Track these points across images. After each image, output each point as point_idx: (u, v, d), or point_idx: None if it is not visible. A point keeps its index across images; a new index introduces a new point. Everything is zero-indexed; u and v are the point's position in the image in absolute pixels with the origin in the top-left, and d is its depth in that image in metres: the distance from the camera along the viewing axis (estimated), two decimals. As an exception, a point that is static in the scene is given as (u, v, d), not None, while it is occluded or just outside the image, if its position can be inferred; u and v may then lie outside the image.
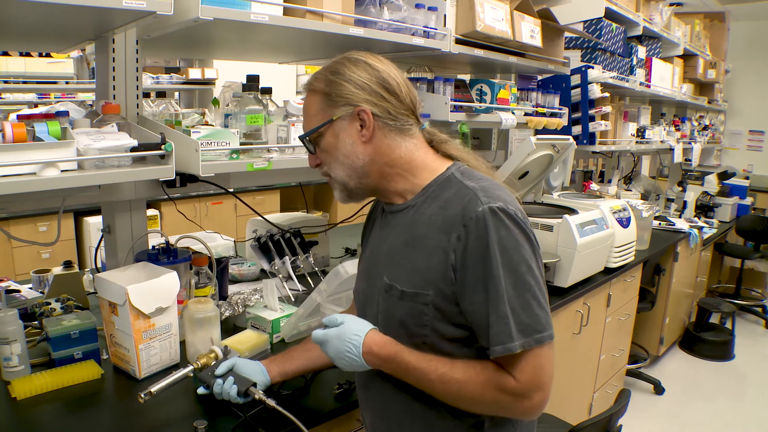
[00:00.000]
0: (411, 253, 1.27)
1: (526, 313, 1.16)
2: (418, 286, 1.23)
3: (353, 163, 1.29)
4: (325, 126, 1.29)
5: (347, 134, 1.28)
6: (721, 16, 6.17)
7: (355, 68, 1.27)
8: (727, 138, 7.42)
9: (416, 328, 1.25)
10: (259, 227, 2.49)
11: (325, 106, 1.28)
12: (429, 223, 1.25)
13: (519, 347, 1.15)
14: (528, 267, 1.18)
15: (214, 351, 1.52)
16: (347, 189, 1.34)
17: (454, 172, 1.29)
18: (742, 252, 5.67)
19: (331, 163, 1.32)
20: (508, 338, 1.15)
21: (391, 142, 1.29)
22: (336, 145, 1.29)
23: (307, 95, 1.33)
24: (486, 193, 1.20)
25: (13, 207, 1.67)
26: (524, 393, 1.18)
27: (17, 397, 1.49)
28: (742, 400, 4.18)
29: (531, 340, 1.16)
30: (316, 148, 1.34)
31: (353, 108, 1.26)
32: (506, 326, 1.15)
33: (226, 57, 2.83)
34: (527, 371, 1.17)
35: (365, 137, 1.27)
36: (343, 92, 1.26)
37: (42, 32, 1.71)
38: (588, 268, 2.81)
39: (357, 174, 1.31)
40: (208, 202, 5.30)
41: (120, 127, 1.56)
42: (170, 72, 5.52)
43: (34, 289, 2.24)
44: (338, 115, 1.27)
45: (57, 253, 4.23)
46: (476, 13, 2.26)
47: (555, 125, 3.01)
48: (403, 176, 1.32)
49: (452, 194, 1.25)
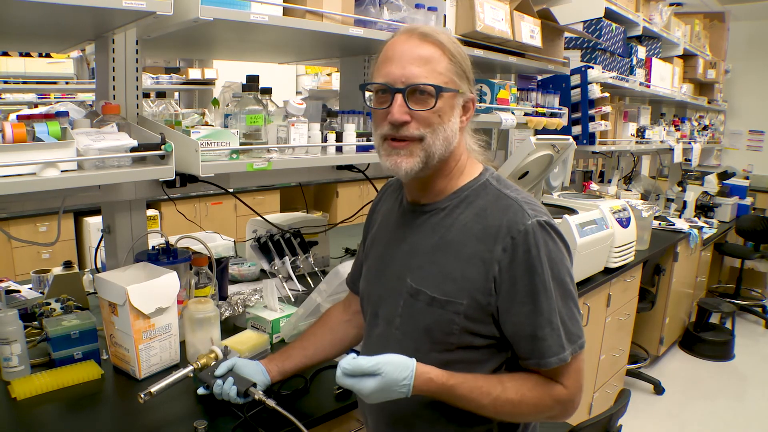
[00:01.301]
0: (441, 259, 1.24)
1: (572, 322, 1.20)
2: (450, 294, 1.21)
3: (450, 143, 1.22)
4: (452, 93, 1.20)
5: (456, 113, 1.23)
6: (721, 16, 6.18)
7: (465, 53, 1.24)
8: (727, 138, 7.43)
9: (442, 336, 1.23)
10: (259, 227, 2.49)
11: (454, 72, 1.20)
12: (464, 230, 1.22)
13: (570, 355, 1.18)
14: (570, 277, 1.22)
15: (214, 351, 1.52)
16: (428, 162, 1.21)
17: (489, 179, 1.28)
18: (742, 252, 5.67)
19: (436, 129, 1.19)
20: (560, 349, 1.17)
21: (466, 136, 1.30)
22: (450, 116, 1.21)
23: (431, 46, 1.18)
24: (531, 206, 1.21)
25: (13, 207, 1.67)
26: (572, 398, 1.23)
27: (17, 398, 1.49)
28: (742, 400, 4.18)
29: (576, 347, 1.20)
30: (419, 105, 1.18)
31: (470, 91, 1.24)
32: (559, 338, 1.18)
33: (225, 57, 2.83)
34: (573, 377, 1.22)
35: (463, 124, 1.26)
36: (468, 73, 1.23)
37: (42, 32, 1.71)
38: (588, 268, 2.81)
39: (444, 153, 1.22)
40: (207, 203, 5.30)
41: (120, 127, 1.56)
42: (170, 72, 5.52)
43: (34, 289, 2.24)
44: (464, 90, 1.23)
45: (57, 253, 4.23)
46: (476, 13, 2.26)
47: (555, 125, 3.01)
48: (453, 174, 1.29)
49: (490, 203, 1.23)
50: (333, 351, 1.57)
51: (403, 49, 1.19)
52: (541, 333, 1.17)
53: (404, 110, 1.17)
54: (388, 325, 1.32)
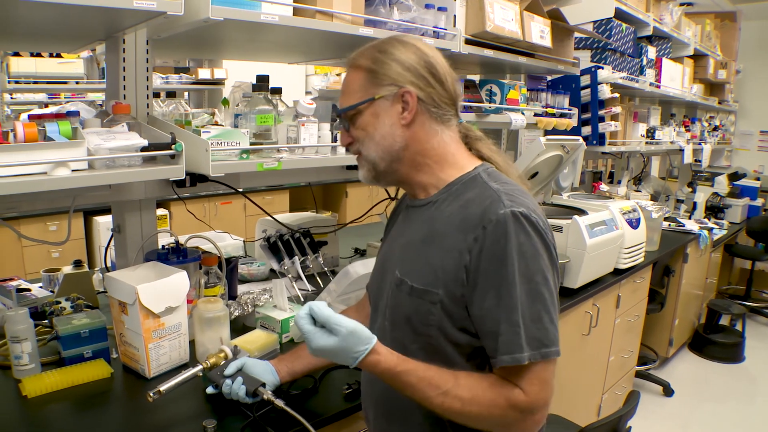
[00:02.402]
0: (427, 250, 1.24)
1: (536, 326, 1.13)
2: (428, 284, 1.21)
3: (389, 146, 1.25)
4: (366, 104, 1.25)
5: (387, 115, 1.24)
6: (733, 16, 6.13)
7: (404, 49, 1.24)
8: (737, 139, 7.39)
9: (422, 327, 1.23)
10: (268, 227, 2.50)
11: (368, 83, 1.25)
12: (448, 221, 1.22)
13: (527, 359, 1.11)
14: (544, 278, 1.15)
15: (224, 351, 1.52)
16: (376, 170, 1.29)
17: (481, 173, 1.27)
18: (752, 253, 5.64)
19: (366, 142, 1.27)
20: (517, 348, 1.12)
21: (429, 130, 1.26)
22: (374, 124, 1.25)
23: (350, 71, 1.29)
24: (510, 197, 1.17)
25: (23, 206, 1.68)
26: (532, 408, 1.14)
27: (28, 395, 1.50)
28: (752, 403, 4.15)
29: (538, 354, 1.12)
30: (350, 126, 1.29)
31: (398, 89, 1.22)
32: (517, 336, 1.12)
33: (235, 57, 2.84)
34: (535, 384, 1.14)
35: (405, 120, 1.24)
36: (390, 72, 1.23)
37: (52, 33, 1.72)
38: (597, 269, 2.80)
39: (390, 157, 1.27)
40: (217, 202, 5.30)
41: (130, 126, 1.56)
42: (180, 72, 5.54)
43: (45, 288, 2.25)
44: (381, 94, 1.23)
45: (67, 252, 4.24)
46: (486, 13, 2.26)
47: (564, 126, 3.00)
48: (432, 168, 1.28)
49: (475, 194, 1.22)
50: None
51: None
52: (499, 328, 1.13)
53: (345, 136, 1.33)
54: (383, 318, 1.34)
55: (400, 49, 1.24)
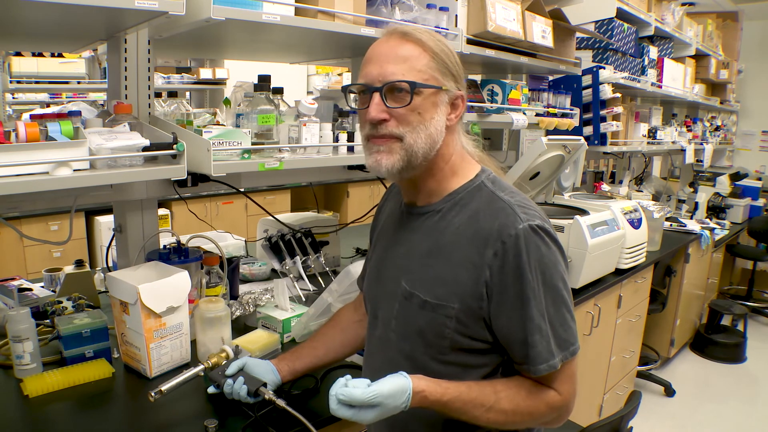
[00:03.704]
0: (435, 262, 1.23)
1: (563, 328, 1.19)
2: (442, 298, 1.20)
3: (435, 141, 1.20)
4: (434, 90, 1.18)
5: (441, 111, 1.20)
6: (734, 16, 6.13)
7: (452, 50, 1.22)
8: (739, 139, 7.37)
9: (435, 339, 1.23)
10: (270, 227, 2.50)
11: (436, 69, 1.18)
12: (457, 233, 1.21)
13: (560, 362, 1.17)
14: (564, 283, 1.20)
15: (225, 350, 1.52)
16: (410, 162, 1.19)
17: (485, 181, 1.26)
18: (754, 254, 5.63)
19: (418, 128, 1.18)
20: (550, 356, 1.16)
21: (456, 137, 1.27)
22: (433, 113, 1.19)
23: (410, 44, 1.18)
24: (524, 210, 1.18)
25: (25, 206, 1.68)
26: (566, 403, 1.22)
27: (29, 395, 1.50)
28: (753, 403, 4.15)
29: (568, 353, 1.19)
30: (397, 103, 1.17)
31: (457, 89, 1.22)
32: (548, 344, 1.16)
33: (237, 57, 2.84)
34: (566, 382, 1.21)
35: (451, 122, 1.23)
36: (453, 69, 1.21)
37: (54, 32, 1.72)
38: (599, 269, 2.80)
39: (429, 152, 1.20)
40: (218, 202, 5.31)
41: (132, 126, 1.57)
42: (181, 72, 5.55)
43: (46, 287, 2.26)
44: (447, 87, 1.20)
45: (68, 252, 4.25)
46: (487, 13, 2.25)
47: (566, 126, 3.00)
48: (445, 176, 1.27)
49: (484, 205, 1.21)
50: (344, 351, 1.57)
51: (381, 49, 1.20)
52: (530, 339, 1.16)
53: (381, 108, 1.17)
54: (385, 328, 1.33)
55: (451, 49, 1.22)
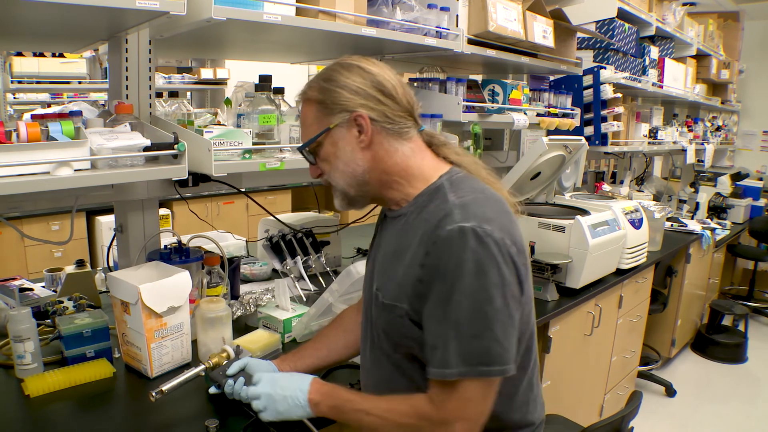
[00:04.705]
0: (396, 264, 1.25)
1: (477, 341, 1.11)
2: (395, 299, 1.23)
3: (353, 171, 1.27)
4: (323, 135, 1.26)
5: (346, 141, 1.25)
6: (735, 16, 6.12)
7: (348, 73, 1.25)
8: (740, 139, 7.37)
9: (399, 338, 1.26)
10: (270, 227, 2.50)
11: (321, 114, 1.26)
12: (413, 234, 1.22)
13: (455, 375, 1.12)
14: (488, 296, 1.11)
15: (226, 350, 1.52)
16: (348, 197, 1.32)
17: (444, 182, 1.26)
18: (755, 254, 5.63)
19: (332, 172, 1.30)
20: (445, 364, 1.12)
21: (389, 147, 1.26)
22: (335, 153, 1.27)
23: (303, 105, 1.31)
24: (463, 210, 1.15)
25: (26, 206, 1.68)
26: (443, 421, 1.15)
27: (30, 395, 1.50)
28: (754, 404, 4.15)
29: (473, 371, 1.12)
30: (316, 158, 1.31)
31: (350, 114, 1.23)
32: (447, 352, 1.12)
33: (238, 57, 2.84)
34: (454, 400, 1.14)
35: (364, 143, 1.25)
36: (339, 99, 1.24)
37: (55, 32, 1.72)
38: (600, 269, 2.80)
39: (357, 182, 1.28)
40: (219, 202, 5.31)
41: (133, 126, 1.57)
42: (182, 72, 5.55)
43: (47, 287, 2.26)
44: (335, 122, 1.24)
45: (69, 251, 4.25)
46: (488, 13, 2.25)
47: (567, 126, 3.00)
48: (400, 184, 1.29)
49: (434, 207, 1.22)
50: (346, 352, 1.58)
51: None
52: (434, 341, 1.14)
53: (313, 168, 1.35)
54: (371, 327, 1.36)
55: (344, 74, 1.25)
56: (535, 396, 1.39)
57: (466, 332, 1.11)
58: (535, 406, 1.40)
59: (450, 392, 1.14)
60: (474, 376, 1.12)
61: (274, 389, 1.30)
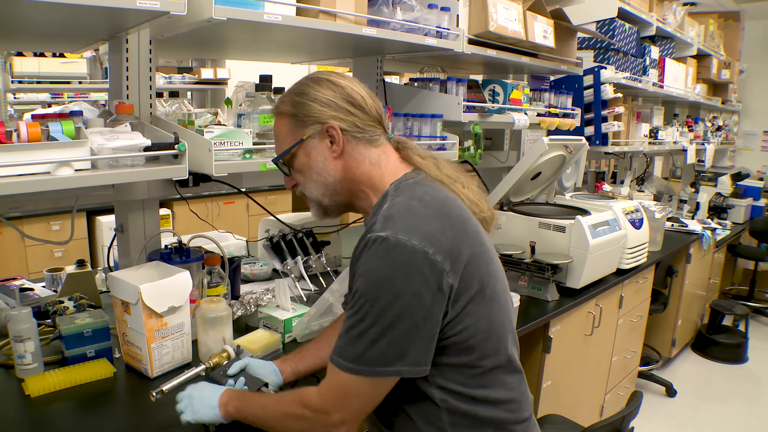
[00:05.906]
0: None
1: (358, 342, 1.15)
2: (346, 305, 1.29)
3: (326, 181, 1.32)
4: (297, 146, 1.31)
5: (318, 152, 1.31)
6: (736, 16, 6.12)
7: (319, 87, 1.30)
8: (740, 139, 7.37)
9: None
10: (271, 227, 2.50)
11: (294, 127, 1.31)
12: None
13: (345, 368, 1.17)
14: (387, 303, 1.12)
15: (227, 350, 1.53)
16: (322, 206, 1.37)
17: (390, 190, 1.29)
18: (755, 254, 5.63)
19: (306, 183, 1.35)
20: (340, 353, 1.18)
21: (358, 156, 1.31)
22: (309, 163, 1.32)
23: (276, 119, 1.36)
24: (385, 220, 1.18)
25: (26, 206, 1.68)
26: (323, 410, 1.20)
27: (31, 395, 1.50)
28: (755, 404, 4.15)
29: (346, 365, 1.16)
30: (290, 170, 1.36)
31: (322, 125, 1.28)
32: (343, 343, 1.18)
33: (238, 57, 2.84)
34: (331, 389, 1.20)
35: (336, 152, 1.30)
36: (311, 111, 1.28)
37: (56, 33, 1.72)
38: (600, 270, 2.80)
39: (330, 191, 1.34)
40: (220, 202, 5.31)
41: (133, 126, 1.57)
42: (183, 72, 5.55)
43: (48, 287, 2.26)
44: (308, 134, 1.30)
45: (70, 251, 4.25)
46: (489, 13, 2.25)
47: (567, 126, 3.00)
48: (366, 194, 1.33)
49: (373, 215, 1.27)
50: None
51: None
52: (341, 333, 1.19)
53: (288, 180, 1.40)
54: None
55: (315, 88, 1.30)
56: (519, 395, 1.35)
57: (362, 332, 1.15)
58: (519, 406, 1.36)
59: (336, 384, 1.19)
60: (359, 375, 1.16)
61: (195, 391, 1.37)
